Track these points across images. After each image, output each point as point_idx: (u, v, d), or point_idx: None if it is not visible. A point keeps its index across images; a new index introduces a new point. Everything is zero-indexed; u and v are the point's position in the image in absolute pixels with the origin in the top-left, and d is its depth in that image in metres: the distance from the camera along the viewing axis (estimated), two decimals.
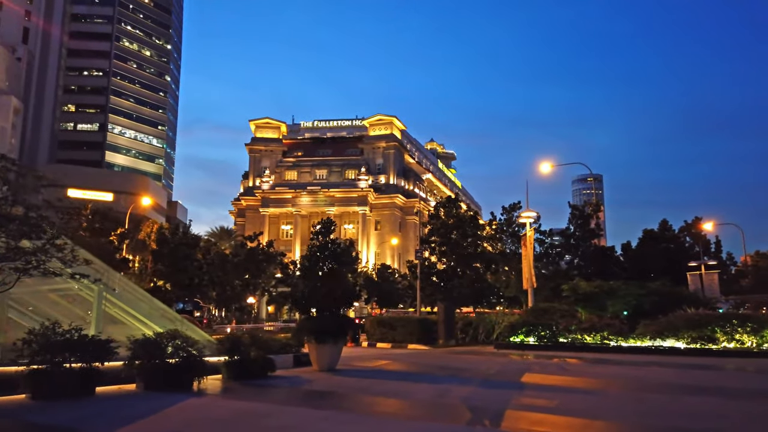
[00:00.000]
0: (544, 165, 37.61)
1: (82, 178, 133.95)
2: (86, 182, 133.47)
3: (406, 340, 26.19)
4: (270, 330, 58.81)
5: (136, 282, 44.65)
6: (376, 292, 59.91)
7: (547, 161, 37.98)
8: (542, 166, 37.61)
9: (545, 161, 37.74)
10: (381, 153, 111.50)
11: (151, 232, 48.87)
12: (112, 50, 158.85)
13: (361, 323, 29.59)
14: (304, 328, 14.94)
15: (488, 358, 20.81)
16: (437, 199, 62.29)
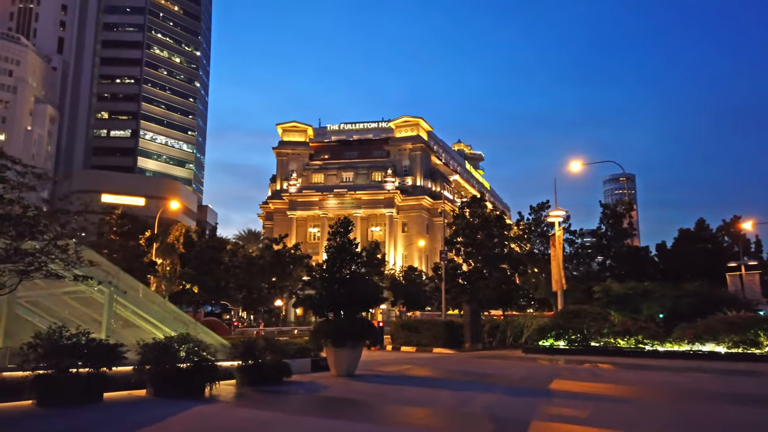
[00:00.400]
0: (574, 163, 36.47)
1: (115, 184, 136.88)
2: (119, 187, 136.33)
3: (431, 344, 25.48)
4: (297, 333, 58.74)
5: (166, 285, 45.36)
6: (402, 295, 59.24)
7: (576, 160, 36.85)
8: (572, 165, 36.48)
9: (575, 160, 36.62)
10: (407, 155, 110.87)
11: (180, 236, 49.16)
12: (143, 58, 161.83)
13: (383, 326, 28.89)
14: (320, 332, 14.42)
15: (515, 362, 19.98)
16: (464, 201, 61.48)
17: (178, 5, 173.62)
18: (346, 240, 15.28)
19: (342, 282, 14.72)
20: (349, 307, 14.66)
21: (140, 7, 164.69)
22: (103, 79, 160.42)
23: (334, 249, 15.23)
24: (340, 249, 15.13)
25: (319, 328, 14.62)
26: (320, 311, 14.98)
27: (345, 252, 15.12)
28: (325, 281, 15.18)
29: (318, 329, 14.65)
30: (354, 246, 15.39)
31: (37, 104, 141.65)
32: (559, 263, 26.81)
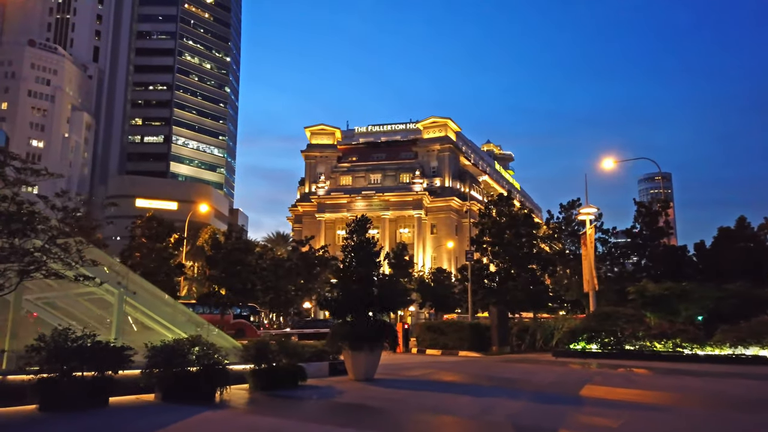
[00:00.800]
0: (606, 161, 35.26)
1: (149, 189, 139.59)
2: (152, 192, 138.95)
3: (457, 347, 24.69)
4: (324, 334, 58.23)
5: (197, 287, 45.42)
6: (431, 297, 58.36)
7: (609, 157, 35.60)
8: (605, 162, 35.27)
9: (608, 157, 35.40)
10: (435, 156, 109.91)
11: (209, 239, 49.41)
12: (175, 65, 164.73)
13: (408, 329, 28.22)
14: (337, 334, 13.87)
15: (544, 367, 19.06)
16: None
17: (208, 12, 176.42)
18: (363, 239, 14.70)
19: (359, 282, 14.15)
20: (367, 309, 14.09)
21: (172, 15, 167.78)
22: (136, 86, 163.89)
23: (351, 248, 14.67)
24: (358, 248, 14.55)
25: (335, 331, 14.06)
26: (338, 313, 14.43)
27: (362, 251, 14.54)
28: (342, 282, 14.63)
29: (334, 332, 14.10)
30: (372, 245, 14.80)
31: (73, 112, 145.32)
32: (590, 263, 25.72)
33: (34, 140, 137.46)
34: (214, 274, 42.29)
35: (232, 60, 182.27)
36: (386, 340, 13.99)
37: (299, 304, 61.90)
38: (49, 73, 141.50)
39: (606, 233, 35.06)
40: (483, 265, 34.43)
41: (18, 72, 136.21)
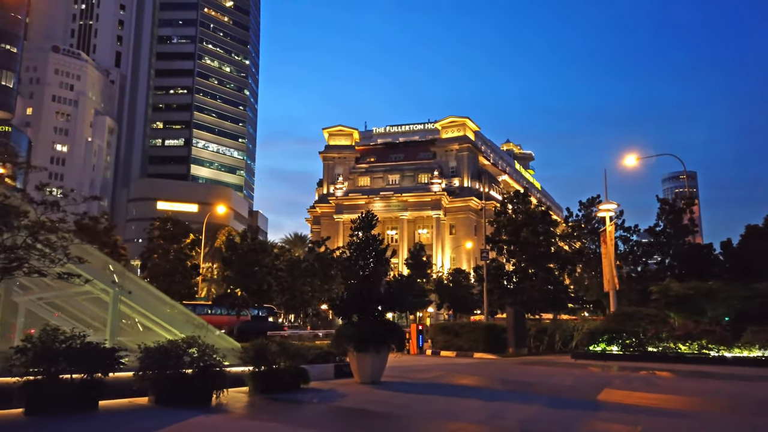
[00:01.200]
0: (628, 158, 34.15)
1: (169, 191, 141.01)
2: (173, 195, 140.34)
3: (472, 348, 23.91)
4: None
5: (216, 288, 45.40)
6: (449, 298, 57.67)
7: (631, 154, 34.50)
8: (627, 159, 34.17)
9: (630, 154, 34.28)
10: (454, 155, 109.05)
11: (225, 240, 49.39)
12: (195, 68, 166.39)
13: (423, 329, 27.53)
14: (341, 336, 13.32)
15: (562, 369, 18.26)
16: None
17: (227, 16, 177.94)
18: (369, 236, 14.12)
19: (365, 281, 13.58)
20: (373, 309, 13.52)
21: (192, 19, 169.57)
22: (157, 90, 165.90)
23: (356, 246, 14.10)
24: (363, 246, 13.99)
25: (340, 332, 13.51)
26: (343, 313, 13.88)
27: (368, 249, 13.97)
28: (347, 281, 14.08)
29: (339, 332, 13.55)
30: (378, 242, 14.22)
31: (96, 116, 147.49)
32: (610, 261, 24.76)
33: (58, 144, 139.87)
34: (229, 275, 42.13)
35: (251, 63, 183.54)
36: (393, 341, 13.37)
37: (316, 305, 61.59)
38: (73, 78, 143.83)
39: (627, 231, 33.95)
40: (499, 265, 33.32)
41: (42, 78, 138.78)
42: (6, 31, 75.58)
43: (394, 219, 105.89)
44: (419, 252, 60.64)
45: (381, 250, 14.07)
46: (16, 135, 79.89)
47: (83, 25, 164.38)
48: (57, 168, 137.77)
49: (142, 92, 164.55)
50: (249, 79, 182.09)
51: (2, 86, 74.87)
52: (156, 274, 39.78)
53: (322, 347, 14.94)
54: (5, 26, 75.41)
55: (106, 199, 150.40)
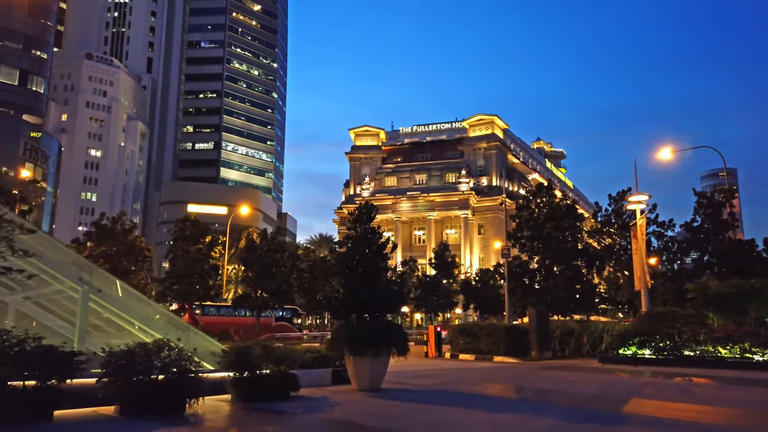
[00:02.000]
0: (664, 151, 32.06)
1: (199, 194, 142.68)
2: (203, 197, 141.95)
3: (492, 352, 22.41)
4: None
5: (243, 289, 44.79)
6: (475, 299, 55.93)
7: (667, 147, 32.38)
8: (662, 152, 32.08)
9: (665, 147, 32.18)
10: (482, 154, 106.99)
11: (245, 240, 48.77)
12: (224, 72, 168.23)
13: (440, 331, 26.05)
14: (337, 338, 12.11)
15: (587, 375, 16.64)
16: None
17: (255, 20, 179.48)
18: (368, 228, 12.89)
19: (363, 279, 12.35)
20: (371, 308, 12.28)
21: (220, 24, 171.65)
22: (187, 94, 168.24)
23: (353, 240, 12.89)
24: (360, 240, 12.77)
25: (335, 334, 12.30)
26: (339, 313, 12.68)
27: (366, 243, 12.74)
28: (343, 278, 12.88)
29: (334, 334, 12.34)
30: (378, 236, 12.96)
31: (129, 121, 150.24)
32: (642, 257, 22.86)
33: (92, 150, 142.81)
34: (248, 275, 41.42)
35: (279, 65, 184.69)
36: (394, 344, 12.09)
37: None
38: (106, 84, 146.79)
39: (662, 226, 31.71)
40: (522, 263, 31.25)
41: (77, 84, 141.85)
42: (36, 38, 76.84)
43: (421, 219, 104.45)
44: (443, 251, 59.04)
45: (381, 244, 12.82)
46: (47, 139, 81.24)
47: (116, 32, 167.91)
48: (91, 173, 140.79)
49: (173, 97, 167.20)
50: (277, 81, 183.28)
51: (33, 92, 76.08)
52: (175, 275, 39.31)
53: (320, 350, 13.75)
54: (35, 33, 76.69)
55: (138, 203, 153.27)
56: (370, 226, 12.94)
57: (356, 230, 12.93)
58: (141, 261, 50.58)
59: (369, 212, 12.97)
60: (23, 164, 72.51)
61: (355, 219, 13.00)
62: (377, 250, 12.80)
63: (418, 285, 55.34)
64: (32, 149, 74.85)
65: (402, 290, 12.44)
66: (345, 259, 13.11)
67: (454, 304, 57.07)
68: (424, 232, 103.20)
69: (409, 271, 63.77)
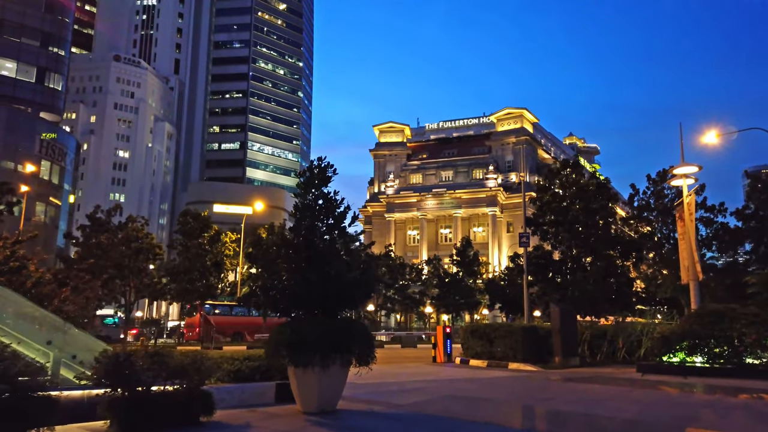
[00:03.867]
0: (709, 135, 27.69)
1: (225, 194, 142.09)
2: (229, 197, 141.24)
3: (508, 357, 18.75)
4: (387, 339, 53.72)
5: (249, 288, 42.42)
6: (501, 298, 52.09)
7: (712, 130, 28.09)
8: (707, 137, 27.73)
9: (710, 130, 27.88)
10: (511, 149, 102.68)
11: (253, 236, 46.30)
12: (250, 72, 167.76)
13: (449, 332, 22.41)
14: (274, 341, 8.88)
15: (622, 390, 12.95)
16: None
17: (281, 19, 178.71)
18: (321, 194, 9.61)
19: (312, 262, 9.10)
20: (322, 301, 9.05)
21: (246, 23, 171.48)
22: (213, 94, 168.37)
23: (300, 210, 9.63)
24: (308, 209, 9.48)
25: (273, 336, 9.05)
26: (279, 308, 9.43)
27: (318, 214, 9.46)
28: (287, 261, 9.64)
29: (271, 337, 9.09)
30: (335, 203, 9.65)
31: (156, 123, 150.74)
32: (690, 243, 18.75)
33: (120, 151, 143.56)
34: (251, 272, 38.60)
35: (304, 64, 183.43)
36: (353, 350, 8.79)
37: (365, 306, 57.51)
38: (133, 86, 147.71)
39: (711, 211, 27.25)
40: (544, 253, 26.45)
41: (105, 86, 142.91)
42: (53, 34, 76.02)
43: (448, 217, 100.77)
44: (466, 247, 55.25)
45: (338, 214, 9.51)
46: (64, 137, 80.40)
47: (144, 35, 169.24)
48: (119, 174, 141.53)
49: (200, 98, 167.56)
50: (303, 81, 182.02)
51: (50, 89, 75.21)
52: (173, 271, 36.74)
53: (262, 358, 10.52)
54: (52, 29, 75.89)
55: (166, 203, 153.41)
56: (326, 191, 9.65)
57: (308, 197, 9.66)
58: (152, 259, 48.67)
59: (323, 172, 9.68)
60: (39, 162, 71.54)
61: (306, 182, 9.72)
62: (333, 223, 9.52)
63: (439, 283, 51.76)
64: (49, 147, 73.88)
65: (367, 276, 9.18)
66: (288, 236, 9.89)
67: (478, 304, 53.31)
68: (450, 231, 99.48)
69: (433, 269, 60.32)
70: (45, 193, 72.92)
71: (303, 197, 9.57)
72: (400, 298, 52.91)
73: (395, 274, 52.37)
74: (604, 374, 16.38)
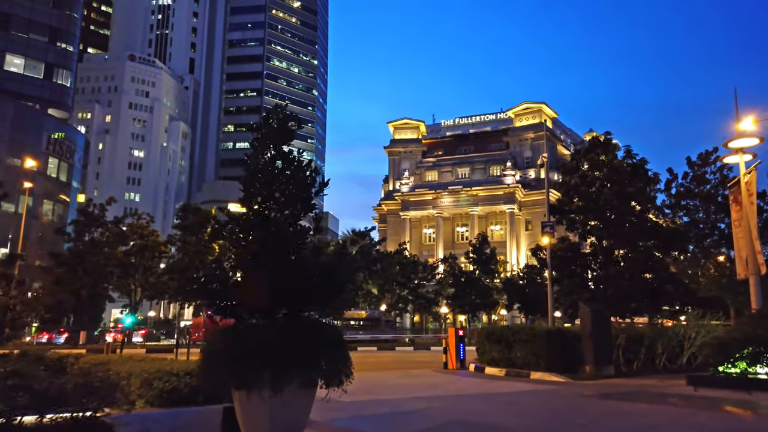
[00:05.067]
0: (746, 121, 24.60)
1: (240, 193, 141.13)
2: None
3: (530, 365, 15.93)
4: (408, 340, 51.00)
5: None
6: (521, 298, 49.24)
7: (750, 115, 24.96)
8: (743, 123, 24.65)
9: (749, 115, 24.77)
10: (529, 145, 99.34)
11: None
12: (264, 70, 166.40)
13: (463, 335, 19.52)
14: (208, 354, 6.39)
15: (681, 412, 10.16)
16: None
17: (295, 17, 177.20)
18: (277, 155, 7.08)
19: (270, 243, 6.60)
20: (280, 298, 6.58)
21: (260, 22, 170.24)
22: (228, 93, 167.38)
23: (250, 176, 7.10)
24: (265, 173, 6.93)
25: (208, 348, 6.54)
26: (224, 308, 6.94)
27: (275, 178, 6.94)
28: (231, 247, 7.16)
29: (207, 349, 6.58)
30: (299, 165, 7.11)
31: (171, 122, 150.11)
32: (750, 230, 15.60)
33: (135, 150, 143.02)
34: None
35: (319, 62, 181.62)
36: (318, 367, 6.28)
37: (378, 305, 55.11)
38: (148, 85, 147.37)
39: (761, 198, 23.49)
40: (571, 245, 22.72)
41: (120, 86, 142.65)
42: (61, 30, 74.74)
43: (464, 215, 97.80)
44: (482, 244, 52.38)
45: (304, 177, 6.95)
46: (72, 134, 79.15)
47: (160, 35, 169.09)
48: (134, 173, 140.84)
49: (215, 97, 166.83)
50: (317, 79, 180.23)
51: (58, 85, 73.91)
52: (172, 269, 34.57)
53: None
54: (60, 25, 74.61)
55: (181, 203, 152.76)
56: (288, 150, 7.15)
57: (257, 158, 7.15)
58: (159, 257, 46.86)
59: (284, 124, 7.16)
60: (47, 159, 70.27)
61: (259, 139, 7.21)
62: (297, 192, 7.02)
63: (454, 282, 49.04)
64: (57, 143, 72.58)
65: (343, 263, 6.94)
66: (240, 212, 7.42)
67: (495, 304, 50.44)
68: (467, 229, 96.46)
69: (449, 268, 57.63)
70: (52, 190, 71.65)
71: (255, 159, 7.08)
72: (413, 297, 50.36)
73: (408, 272, 49.71)
74: (648, 387, 13.57)
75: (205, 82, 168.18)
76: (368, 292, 41.20)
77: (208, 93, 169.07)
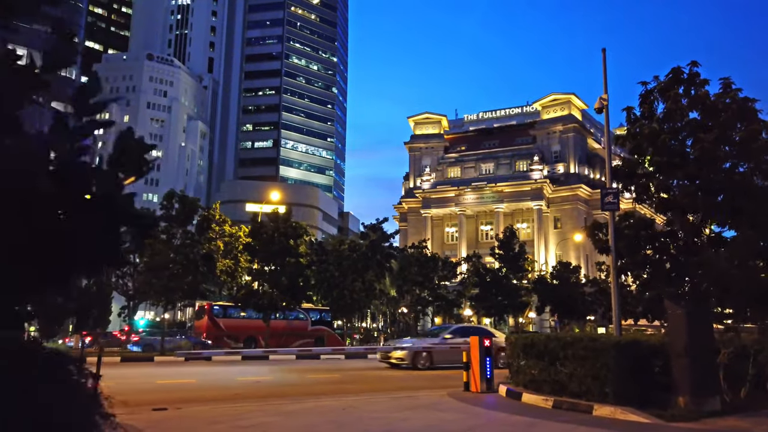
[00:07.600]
0: None
1: (258, 193, 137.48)
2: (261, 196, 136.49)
3: (589, 392, 10.37)
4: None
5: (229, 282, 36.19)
6: (552, 299, 44.00)
7: None
8: None
9: None
10: (557, 138, 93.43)
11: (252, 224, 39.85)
12: (282, 68, 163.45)
13: (490, 347, 14.14)
14: None
15: None
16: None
17: (314, 13, 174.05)
18: None
19: None
20: None
21: (279, 19, 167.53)
22: (246, 92, 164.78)
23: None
24: None
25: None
26: None
27: None
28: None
29: None
30: None
31: (189, 121, 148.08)
32: None
33: (153, 150, 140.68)
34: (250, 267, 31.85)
35: (338, 60, 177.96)
36: None
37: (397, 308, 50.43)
38: (166, 84, 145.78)
39: None
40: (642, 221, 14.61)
41: (138, 85, 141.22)
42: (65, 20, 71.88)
43: (489, 212, 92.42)
44: (510, 239, 47.16)
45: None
46: None
47: (179, 34, 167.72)
48: (152, 173, 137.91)
49: (234, 96, 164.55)
50: (337, 76, 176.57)
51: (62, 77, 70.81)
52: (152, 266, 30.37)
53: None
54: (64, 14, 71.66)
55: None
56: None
57: None
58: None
59: None
60: None
61: None
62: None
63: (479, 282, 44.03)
64: None
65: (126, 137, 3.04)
66: None
67: (524, 306, 45.31)
68: (491, 227, 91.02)
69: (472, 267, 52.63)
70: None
71: None
72: (433, 298, 45.67)
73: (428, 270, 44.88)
74: None
75: (224, 81, 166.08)
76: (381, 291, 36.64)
77: (227, 92, 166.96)
